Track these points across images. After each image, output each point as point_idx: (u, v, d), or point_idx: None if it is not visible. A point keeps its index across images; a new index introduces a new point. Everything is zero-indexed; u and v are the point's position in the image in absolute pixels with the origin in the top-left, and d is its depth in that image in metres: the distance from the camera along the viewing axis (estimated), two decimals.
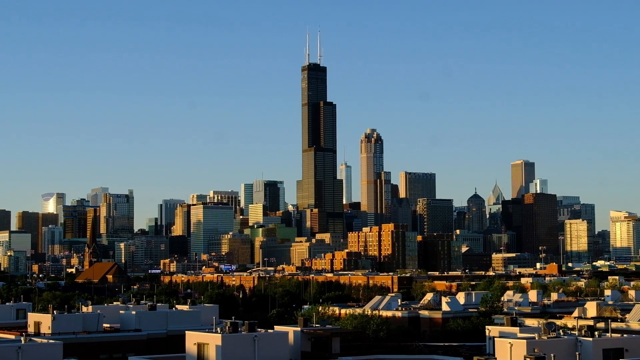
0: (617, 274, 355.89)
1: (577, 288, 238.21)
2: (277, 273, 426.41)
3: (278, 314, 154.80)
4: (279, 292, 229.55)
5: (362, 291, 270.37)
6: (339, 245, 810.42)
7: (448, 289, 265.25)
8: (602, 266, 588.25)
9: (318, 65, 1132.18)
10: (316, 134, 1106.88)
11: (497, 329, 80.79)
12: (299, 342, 73.55)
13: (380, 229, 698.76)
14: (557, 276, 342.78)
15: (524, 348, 62.66)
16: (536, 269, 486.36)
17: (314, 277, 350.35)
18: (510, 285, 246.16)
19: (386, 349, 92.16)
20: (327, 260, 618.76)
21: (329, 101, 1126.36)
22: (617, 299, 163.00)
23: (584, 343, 65.60)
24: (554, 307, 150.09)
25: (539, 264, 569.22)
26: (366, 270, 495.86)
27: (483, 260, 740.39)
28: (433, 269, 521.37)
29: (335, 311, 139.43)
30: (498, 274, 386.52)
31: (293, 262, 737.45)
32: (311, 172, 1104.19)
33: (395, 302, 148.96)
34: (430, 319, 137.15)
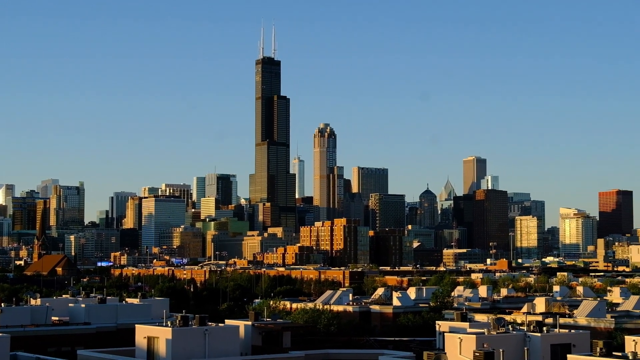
0: (566, 270, 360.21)
1: (527, 284, 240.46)
2: (229, 267, 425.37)
3: (229, 307, 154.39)
4: (231, 286, 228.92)
5: (314, 285, 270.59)
6: (291, 239, 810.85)
7: (399, 284, 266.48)
8: (551, 262, 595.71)
9: (272, 59, 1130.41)
10: (269, 128, 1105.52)
11: (447, 324, 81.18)
12: (250, 336, 73.37)
13: (333, 224, 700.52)
14: (507, 272, 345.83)
15: (473, 343, 63.02)
16: (486, 265, 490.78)
17: (266, 271, 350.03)
18: (460, 280, 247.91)
19: (337, 343, 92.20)
20: (279, 255, 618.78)
21: (282, 95, 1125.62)
22: (566, 295, 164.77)
23: (532, 338, 66.12)
24: (504, 303, 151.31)
25: (490, 259, 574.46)
26: (318, 264, 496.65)
27: (434, 256, 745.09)
28: (384, 264, 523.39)
29: (287, 305, 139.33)
30: (449, 270, 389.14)
31: (245, 256, 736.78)
32: (264, 166, 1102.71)
33: (347, 297, 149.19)
34: (381, 314, 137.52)
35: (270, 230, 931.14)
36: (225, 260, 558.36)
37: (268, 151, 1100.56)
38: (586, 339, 70.03)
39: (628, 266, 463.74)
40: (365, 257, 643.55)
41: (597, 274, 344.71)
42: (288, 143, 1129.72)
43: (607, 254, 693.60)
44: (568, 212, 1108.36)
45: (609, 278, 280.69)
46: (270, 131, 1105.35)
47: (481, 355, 57.77)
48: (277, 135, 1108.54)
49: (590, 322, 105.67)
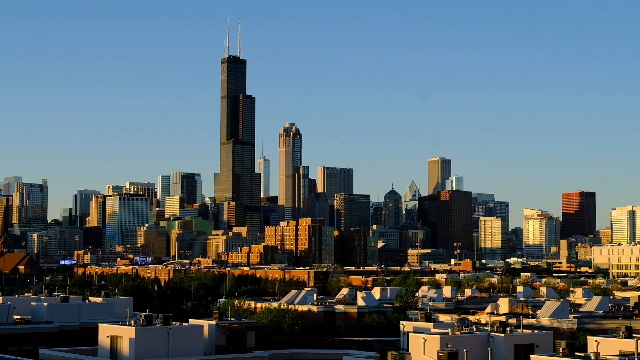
0: (529, 271, 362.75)
1: (490, 284, 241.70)
2: (193, 266, 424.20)
3: (193, 307, 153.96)
4: (195, 285, 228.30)
5: (278, 285, 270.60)
6: (256, 239, 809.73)
7: (364, 284, 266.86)
8: (514, 263, 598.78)
9: (238, 58, 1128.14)
10: (235, 127, 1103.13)
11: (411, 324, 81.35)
12: (214, 335, 73.12)
13: (298, 223, 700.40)
14: (471, 272, 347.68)
15: (437, 343, 63.19)
16: (451, 265, 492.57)
17: (230, 270, 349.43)
18: (425, 281, 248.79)
19: (301, 343, 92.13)
20: (243, 254, 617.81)
21: (248, 94, 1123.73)
22: (529, 295, 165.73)
23: (495, 339, 66.40)
24: (468, 303, 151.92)
25: (454, 260, 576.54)
26: (282, 264, 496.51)
27: (399, 256, 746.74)
28: (349, 264, 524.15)
29: (251, 305, 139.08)
30: (413, 270, 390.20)
31: (209, 255, 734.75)
32: (229, 165, 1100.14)
33: (311, 297, 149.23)
34: (346, 314, 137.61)
35: (235, 229, 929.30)
36: (189, 260, 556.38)
37: (233, 150, 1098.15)
38: (549, 339, 70.45)
39: (590, 267, 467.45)
40: (330, 257, 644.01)
41: (560, 275, 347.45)
42: (253, 142, 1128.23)
43: (570, 255, 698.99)
44: (532, 213, 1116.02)
45: (572, 279, 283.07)
46: (236, 130, 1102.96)
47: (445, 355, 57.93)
48: (243, 134, 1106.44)
49: (553, 322, 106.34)
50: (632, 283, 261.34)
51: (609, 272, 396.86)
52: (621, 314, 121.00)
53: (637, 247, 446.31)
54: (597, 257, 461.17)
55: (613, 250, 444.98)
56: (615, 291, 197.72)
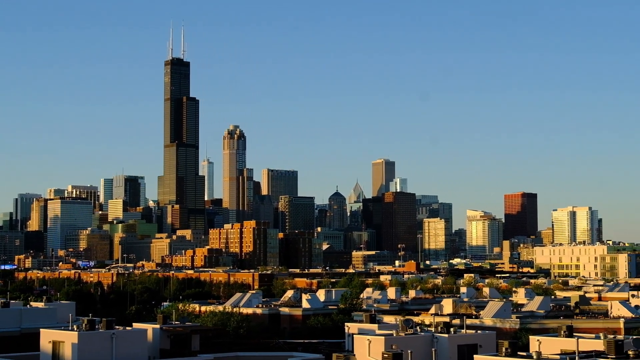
0: (473, 272, 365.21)
1: (434, 285, 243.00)
2: (137, 269, 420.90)
3: (137, 311, 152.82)
4: (139, 289, 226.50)
5: (223, 288, 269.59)
6: (200, 241, 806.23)
7: (309, 286, 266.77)
8: (458, 264, 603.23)
9: (181, 60, 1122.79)
10: (178, 130, 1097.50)
11: (356, 326, 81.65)
12: (158, 339, 72.68)
13: (242, 226, 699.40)
14: (415, 274, 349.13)
15: (382, 344, 63.49)
16: (395, 267, 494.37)
17: (174, 273, 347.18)
18: (369, 282, 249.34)
19: (246, 346, 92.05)
20: (187, 257, 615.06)
21: (192, 97, 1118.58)
22: (472, 296, 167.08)
23: (440, 339, 66.89)
24: (412, 304, 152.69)
25: (398, 261, 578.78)
26: (227, 267, 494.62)
27: (343, 258, 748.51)
28: (294, 266, 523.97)
29: (196, 308, 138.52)
30: (358, 272, 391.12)
31: (153, 258, 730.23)
32: (173, 167, 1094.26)
33: (256, 299, 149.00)
34: (291, 316, 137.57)
35: (179, 232, 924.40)
36: (133, 263, 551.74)
37: (177, 153, 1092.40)
38: (492, 339, 71.15)
39: (533, 267, 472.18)
40: (275, 259, 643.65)
41: (502, 275, 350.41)
42: (197, 145, 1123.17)
43: (512, 256, 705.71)
44: (475, 215, 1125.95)
45: (514, 279, 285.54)
46: (179, 133, 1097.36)
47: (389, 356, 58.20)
48: (186, 136, 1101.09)
49: (496, 322, 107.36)
50: (573, 283, 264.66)
51: (551, 272, 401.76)
52: (562, 314, 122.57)
53: (577, 247, 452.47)
54: (538, 258, 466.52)
55: (554, 251, 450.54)
56: (557, 291, 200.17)
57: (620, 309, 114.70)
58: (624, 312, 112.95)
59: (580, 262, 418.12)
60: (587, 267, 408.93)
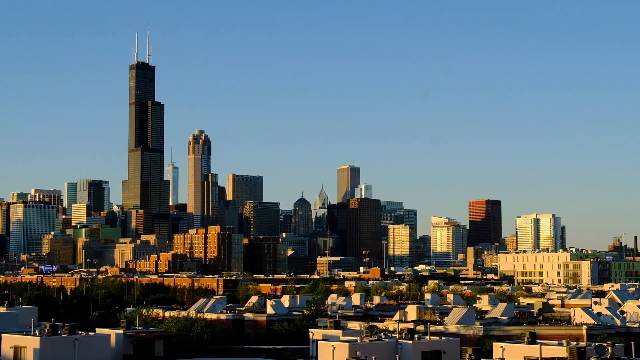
0: (437, 278, 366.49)
1: (399, 292, 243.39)
2: (100, 274, 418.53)
3: (100, 316, 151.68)
4: (102, 294, 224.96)
5: (187, 293, 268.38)
6: (165, 246, 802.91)
7: (273, 292, 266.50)
8: (422, 270, 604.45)
9: (147, 65, 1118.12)
10: (143, 134, 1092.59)
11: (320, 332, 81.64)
12: (121, 344, 72.28)
13: (207, 231, 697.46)
14: (380, 280, 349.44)
15: (346, 351, 63.46)
16: (360, 273, 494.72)
17: (138, 279, 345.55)
18: (334, 288, 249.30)
19: (210, 352, 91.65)
20: (151, 262, 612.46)
21: (157, 101, 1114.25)
22: (437, 302, 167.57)
23: (404, 346, 66.99)
24: (376, 311, 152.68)
25: (363, 267, 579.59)
26: (191, 272, 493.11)
27: (308, 264, 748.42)
28: (259, 272, 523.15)
29: (159, 314, 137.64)
30: (323, 278, 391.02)
31: (117, 263, 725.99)
32: (137, 172, 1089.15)
33: (220, 305, 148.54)
34: (255, 322, 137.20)
35: (143, 237, 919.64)
36: (96, 268, 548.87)
37: (142, 157, 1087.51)
38: (456, 345, 71.42)
39: (496, 274, 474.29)
40: (240, 265, 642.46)
41: (467, 282, 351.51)
42: (162, 149, 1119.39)
43: (476, 262, 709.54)
44: (439, 221, 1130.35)
45: (478, 286, 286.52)
46: (144, 137, 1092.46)
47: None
48: (151, 141, 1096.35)
49: (460, 329, 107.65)
50: (536, 290, 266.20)
51: (514, 279, 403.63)
52: (526, 320, 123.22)
53: (541, 254, 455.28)
54: (502, 265, 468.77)
55: (518, 258, 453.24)
56: (520, 298, 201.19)
57: (582, 315, 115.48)
58: (586, 319, 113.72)
59: (544, 269, 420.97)
60: (551, 274, 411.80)
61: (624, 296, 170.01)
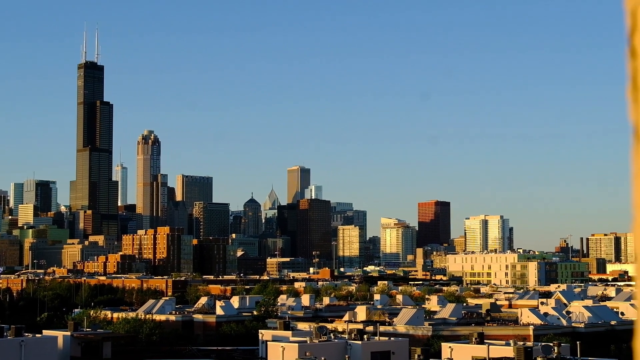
0: (386, 279, 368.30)
1: (348, 292, 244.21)
2: (48, 276, 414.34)
3: (48, 318, 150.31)
4: (49, 296, 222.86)
5: (136, 295, 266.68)
6: (113, 247, 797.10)
7: (223, 292, 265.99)
8: (372, 271, 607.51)
9: (95, 64, 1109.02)
10: (92, 134, 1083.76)
11: (270, 333, 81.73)
12: (69, 346, 71.72)
13: (156, 232, 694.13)
14: (330, 281, 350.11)
15: (295, 351, 63.60)
16: (309, 274, 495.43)
17: (86, 280, 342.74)
18: (284, 289, 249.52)
19: (159, 353, 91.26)
20: (100, 263, 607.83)
21: (105, 101, 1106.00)
22: (386, 303, 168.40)
23: (353, 346, 67.28)
24: (326, 311, 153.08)
25: (313, 268, 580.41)
26: (140, 273, 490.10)
27: (258, 265, 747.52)
28: (208, 273, 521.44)
29: (108, 315, 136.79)
30: (272, 278, 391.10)
31: (64, 264, 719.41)
32: (85, 172, 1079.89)
33: (169, 306, 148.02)
34: (204, 323, 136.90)
35: (92, 238, 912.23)
36: (43, 269, 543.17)
37: (90, 157, 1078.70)
38: (405, 346, 71.87)
39: (445, 275, 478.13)
40: (189, 265, 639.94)
41: (416, 283, 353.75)
42: (111, 149, 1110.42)
43: (425, 263, 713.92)
44: (389, 222, 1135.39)
45: (427, 286, 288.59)
46: (93, 137, 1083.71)
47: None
48: (100, 141, 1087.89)
49: (409, 329, 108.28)
50: (484, 290, 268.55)
51: (463, 280, 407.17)
52: (474, 321, 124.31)
53: (489, 255, 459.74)
54: (451, 265, 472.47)
55: (466, 259, 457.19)
56: (469, 298, 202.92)
57: (529, 316, 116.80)
58: (533, 319, 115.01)
59: (492, 270, 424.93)
60: (499, 275, 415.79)
61: (570, 297, 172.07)
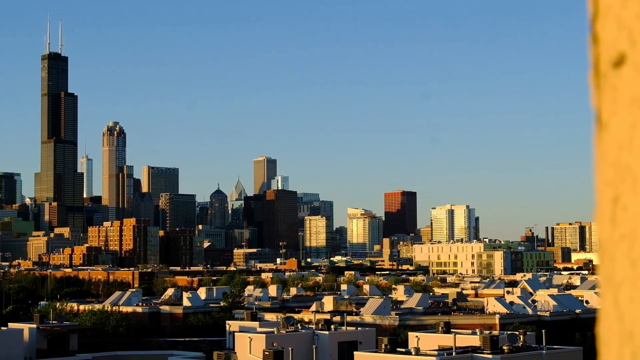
0: (353, 269, 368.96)
1: (315, 283, 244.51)
2: (13, 268, 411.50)
3: (13, 310, 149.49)
4: (15, 288, 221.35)
5: (102, 287, 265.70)
6: (79, 239, 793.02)
7: (189, 284, 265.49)
8: (339, 261, 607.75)
9: (59, 55, 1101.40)
10: (56, 126, 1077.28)
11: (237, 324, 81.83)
12: (35, 339, 71.37)
13: (122, 224, 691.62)
14: (297, 271, 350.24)
15: (263, 342, 63.72)
16: (276, 264, 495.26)
17: (52, 272, 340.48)
18: (251, 280, 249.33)
19: (126, 344, 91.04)
20: (66, 255, 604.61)
21: (70, 92, 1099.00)
22: (353, 293, 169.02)
23: (320, 336, 67.52)
24: (293, 302, 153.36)
25: (279, 259, 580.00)
26: (107, 265, 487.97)
27: (225, 256, 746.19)
28: (175, 264, 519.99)
29: (74, 307, 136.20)
30: (239, 269, 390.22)
31: (30, 257, 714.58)
32: (50, 164, 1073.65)
33: (136, 298, 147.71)
34: (171, 314, 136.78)
35: (57, 230, 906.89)
36: (8, 262, 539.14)
37: (55, 149, 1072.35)
38: (372, 336, 72.22)
39: (412, 265, 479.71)
40: (156, 257, 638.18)
41: (382, 273, 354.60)
42: (76, 141, 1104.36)
43: (392, 253, 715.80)
44: (355, 212, 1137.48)
45: (394, 276, 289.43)
46: (57, 129, 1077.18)
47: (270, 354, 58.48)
48: (65, 133, 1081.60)
49: (376, 319, 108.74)
50: (451, 280, 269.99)
51: (429, 270, 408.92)
52: (440, 310, 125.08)
53: (455, 245, 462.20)
54: (418, 255, 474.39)
55: (433, 248, 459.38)
56: (435, 288, 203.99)
57: (495, 305, 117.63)
58: (499, 308, 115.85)
59: (458, 260, 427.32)
60: (465, 265, 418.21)
61: (536, 285, 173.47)
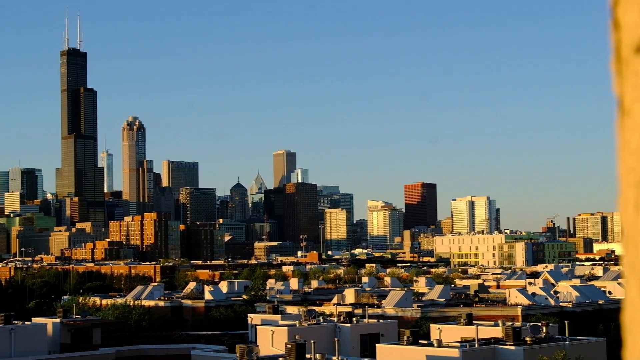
0: (374, 262, 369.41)
1: (337, 275, 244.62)
2: (36, 263, 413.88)
3: (37, 305, 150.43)
4: (38, 283, 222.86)
5: (124, 281, 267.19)
6: (100, 234, 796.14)
7: (211, 277, 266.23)
8: (360, 254, 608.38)
9: (78, 51, 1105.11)
10: (76, 121, 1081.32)
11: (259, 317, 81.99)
12: (59, 333, 71.74)
13: (143, 218, 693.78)
14: (318, 264, 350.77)
15: (285, 335, 63.83)
16: (297, 257, 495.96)
17: (74, 267, 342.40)
18: (272, 273, 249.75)
19: (148, 339, 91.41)
20: (87, 250, 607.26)
21: (89, 87, 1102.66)
22: (374, 285, 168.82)
23: (342, 329, 67.58)
24: (315, 295, 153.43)
25: (300, 252, 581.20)
26: (128, 259, 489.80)
27: (246, 249, 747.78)
28: (196, 258, 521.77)
29: (97, 302, 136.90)
30: (260, 263, 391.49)
31: (52, 252, 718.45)
32: (71, 159, 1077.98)
33: (158, 292, 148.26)
34: (193, 308, 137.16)
35: (79, 225, 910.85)
36: (31, 257, 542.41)
37: (75, 145, 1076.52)
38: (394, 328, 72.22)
39: (433, 257, 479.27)
40: (177, 251, 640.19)
41: (403, 265, 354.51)
42: (96, 136, 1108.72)
43: (413, 245, 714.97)
44: (375, 205, 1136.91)
45: (415, 268, 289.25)
46: (77, 124, 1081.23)
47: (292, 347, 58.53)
48: (85, 128, 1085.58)
49: (397, 311, 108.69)
50: (472, 271, 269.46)
51: (450, 261, 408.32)
52: (462, 302, 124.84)
53: (476, 236, 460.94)
54: (438, 247, 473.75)
55: (454, 240, 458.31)
56: (457, 279, 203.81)
57: (517, 296, 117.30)
58: (521, 299, 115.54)
59: (479, 251, 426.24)
60: (486, 256, 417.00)
61: (558, 276, 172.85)
